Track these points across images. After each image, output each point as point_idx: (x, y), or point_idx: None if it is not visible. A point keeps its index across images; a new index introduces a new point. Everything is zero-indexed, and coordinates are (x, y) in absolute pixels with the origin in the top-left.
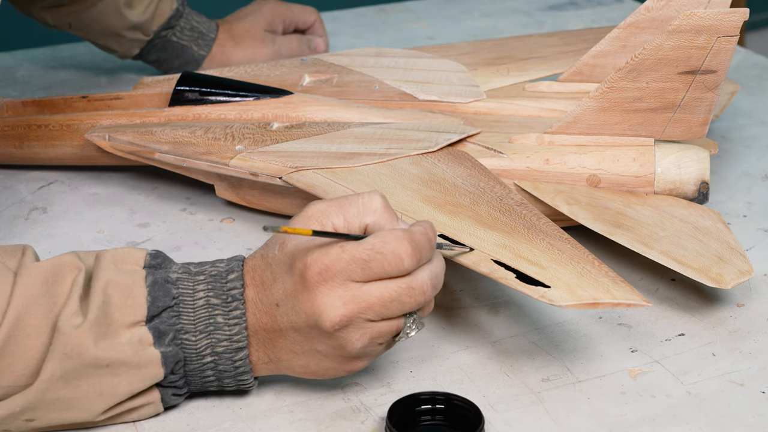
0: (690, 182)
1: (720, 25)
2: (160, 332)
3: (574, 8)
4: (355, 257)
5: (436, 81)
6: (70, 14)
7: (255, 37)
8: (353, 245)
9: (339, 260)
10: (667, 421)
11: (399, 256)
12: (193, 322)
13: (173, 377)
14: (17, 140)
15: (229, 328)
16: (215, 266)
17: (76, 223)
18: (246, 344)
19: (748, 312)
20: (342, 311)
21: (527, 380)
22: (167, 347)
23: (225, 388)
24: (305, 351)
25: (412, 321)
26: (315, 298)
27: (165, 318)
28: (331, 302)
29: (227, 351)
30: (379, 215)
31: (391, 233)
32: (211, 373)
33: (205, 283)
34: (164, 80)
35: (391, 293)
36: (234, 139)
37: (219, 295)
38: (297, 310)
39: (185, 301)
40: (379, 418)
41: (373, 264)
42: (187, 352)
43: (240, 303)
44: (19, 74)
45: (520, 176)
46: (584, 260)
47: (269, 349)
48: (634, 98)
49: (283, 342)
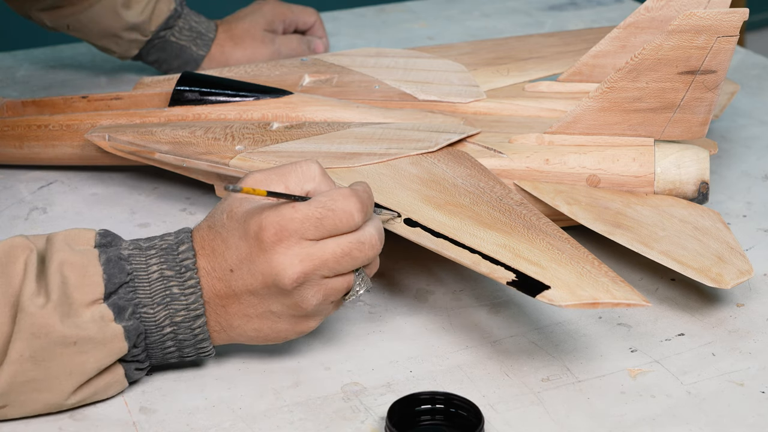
0: (690, 182)
1: (720, 25)
2: (120, 308)
3: (574, 8)
4: (308, 215)
5: (436, 81)
6: (68, 16)
7: (254, 38)
8: (305, 205)
9: (293, 220)
10: (667, 421)
11: (349, 211)
12: (149, 295)
13: (135, 351)
14: (17, 140)
15: (186, 297)
16: (164, 240)
17: (76, 223)
18: (203, 311)
19: (748, 312)
20: (299, 268)
21: (527, 380)
22: (128, 321)
23: (185, 359)
24: (259, 314)
25: (361, 279)
26: (272, 258)
27: (122, 294)
28: (289, 260)
29: (186, 320)
30: (318, 181)
31: (338, 191)
32: (171, 343)
33: (157, 257)
34: (164, 80)
35: (344, 248)
36: (234, 139)
37: (172, 266)
38: (253, 272)
39: (140, 276)
40: (379, 418)
41: (325, 221)
42: (146, 325)
43: (194, 272)
44: (19, 74)
45: (520, 176)
46: (584, 260)
47: (221, 316)
48: (633, 98)
49: (236, 307)
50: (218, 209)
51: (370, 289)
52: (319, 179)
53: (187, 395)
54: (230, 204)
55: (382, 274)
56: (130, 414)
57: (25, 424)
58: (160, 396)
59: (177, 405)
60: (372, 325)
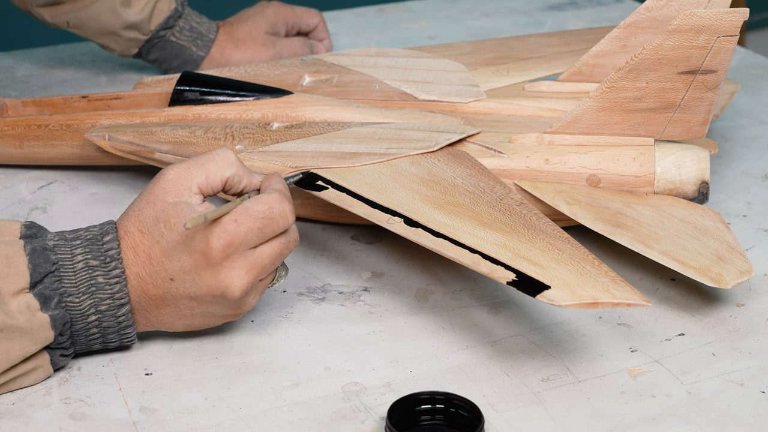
0: (690, 182)
1: (720, 25)
2: (45, 297)
3: (574, 8)
4: (251, 227)
5: (436, 81)
6: (68, 12)
7: (255, 40)
8: (245, 217)
9: (237, 234)
10: (667, 421)
11: (285, 216)
12: (75, 284)
13: (61, 338)
14: (17, 140)
15: (111, 287)
16: (89, 231)
17: (76, 223)
18: (127, 300)
19: (748, 312)
20: (246, 280)
21: (527, 380)
22: (54, 311)
23: (108, 345)
24: (196, 314)
25: (282, 268)
26: (219, 272)
27: (48, 283)
28: (236, 273)
29: (110, 308)
30: (237, 167)
31: (271, 197)
32: (95, 331)
33: (82, 247)
34: (164, 80)
35: (276, 249)
36: (234, 139)
37: (97, 256)
38: (198, 283)
39: (65, 266)
40: (379, 418)
41: (266, 230)
42: (72, 314)
43: (118, 263)
44: (19, 74)
45: (520, 176)
46: (584, 260)
47: (152, 314)
48: (634, 98)
49: (171, 309)
50: (148, 213)
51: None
52: (237, 165)
53: (187, 395)
54: (165, 212)
55: (382, 273)
56: (130, 414)
57: (25, 424)
58: (160, 396)
59: (177, 405)
60: (372, 325)
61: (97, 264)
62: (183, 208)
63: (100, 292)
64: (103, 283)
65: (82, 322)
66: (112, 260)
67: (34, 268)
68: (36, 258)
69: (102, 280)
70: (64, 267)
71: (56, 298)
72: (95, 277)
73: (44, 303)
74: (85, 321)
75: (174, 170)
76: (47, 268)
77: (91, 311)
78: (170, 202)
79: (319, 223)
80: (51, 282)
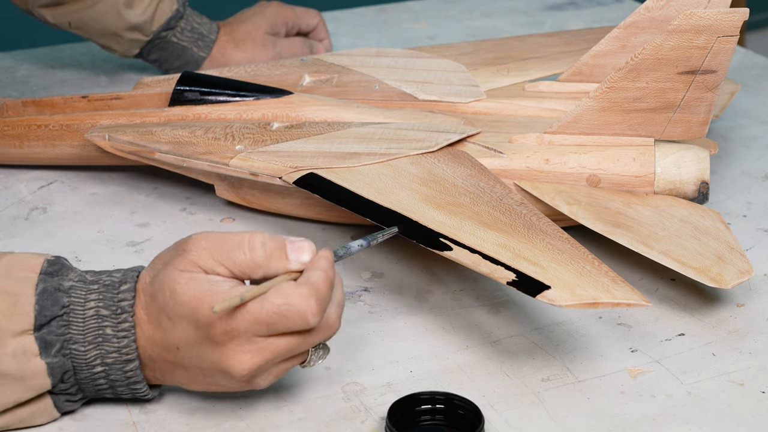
0: (690, 182)
1: (720, 25)
2: (47, 342)
3: (574, 8)
4: (259, 320)
5: (436, 81)
6: (70, 13)
7: (256, 40)
8: (257, 307)
9: (243, 321)
10: (667, 421)
11: (305, 317)
12: (82, 332)
13: (64, 386)
14: (17, 140)
15: (118, 340)
16: (111, 276)
17: (76, 223)
18: (135, 356)
19: (748, 312)
20: (250, 364)
21: (527, 380)
22: (53, 358)
23: (120, 397)
24: (208, 382)
25: (314, 351)
26: (222, 353)
27: (54, 327)
28: (239, 357)
29: (117, 362)
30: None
31: (296, 291)
32: (103, 381)
33: (97, 293)
34: (164, 80)
35: (290, 345)
36: (234, 139)
37: (109, 306)
38: (202, 358)
39: (75, 311)
40: (379, 418)
41: (278, 326)
42: (76, 362)
43: (129, 315)
44: (19, 74)
45: (520, 176)
46: (584, 260)
47: (167, 373)
48: (634, 98)
49: (183, 372)
50: (159, 279)
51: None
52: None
53: (187, 395)
54: (173, 280)
55: (382, 273)
56: (130, 414)
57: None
58: (160, 396)
59: (177, 405)
60: (372, 325)
61: (108, 314)
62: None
63: (106, 344)
64: (111, 336)
65: (87, 371)
66: (123, 312)
67: (40, 310)
68: (44, 299)
69: (110, 332)
70: (74, 312)
71: (59, 344)
72: (104, 327)
73: (44, 348)
74: (90, 371)
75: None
76: (54, 312)
77: (96, 362)
78: (179, 271)
79: (319, 223)
80: (57, 326)
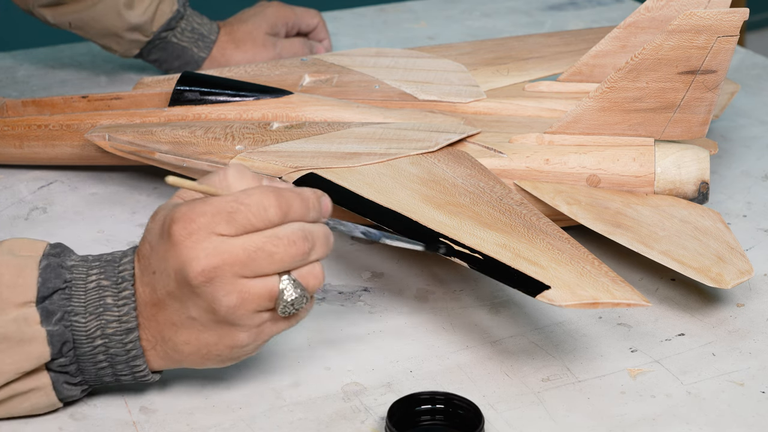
0: (690, 182)
1: (720, 25)
2: (48, 311)
3: (574, 8)
4: (220, 209)
5: (436, 81)
6: (71, 13)
7: (256, 41)
8: (218, 198)
9: (203, 213)
10: (667, 421)
11: (263, 206)
12: (83, 304)
13: (63, 360)
14: (17, 140)
15: (118, 308)
16: (112, 254)
17: (76, 223)
18: (135, 325)
19: (748, 312)
20: (204, 262)
21: (527, 380)
22: (54, 326)
23: (121, 380)
24: (183, 321)
25: (291, 284)
26: (180, 252)
27: (55, 299)
28: (195, 254)
29: (117, 332)
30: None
31: (258, 187)
32: (102, 357)
33: (99, 268)
34: (164, 80)
35: (256, 242)
36: (234, 139)
37: (110, 276)
38: (167, 271)
39: (77, 285)
40: (379, 418)
41: (237, 215)
42: (76, 335)
43: (129, 284)
44: (19, 74)
45: (520, 176)
46: (584, 260)
47: (153, 325)
48: (634, 98)
49: (163, 314)
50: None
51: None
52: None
53: (187, 395)
54: (157, 208)
55: (382, 273)
56: (130, 414)
57: (25, 423)
58: (160, 396)
59: (177, 405)
60: (372, 325)
61: (108, 284)
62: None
63: (107, 313)
64: (111, 304)
65: (87, 345)
66: (124, 281)
67: (43, 282)
68: (48, 273)
69: (110, 301)
70: (76, 286)
71: (60, 313)
72: (104, 297)
73: (45, 317)
74: (90, 345)
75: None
76: (57, 285)
77: (97, 333)
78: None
79: None
80: (59, 299)
